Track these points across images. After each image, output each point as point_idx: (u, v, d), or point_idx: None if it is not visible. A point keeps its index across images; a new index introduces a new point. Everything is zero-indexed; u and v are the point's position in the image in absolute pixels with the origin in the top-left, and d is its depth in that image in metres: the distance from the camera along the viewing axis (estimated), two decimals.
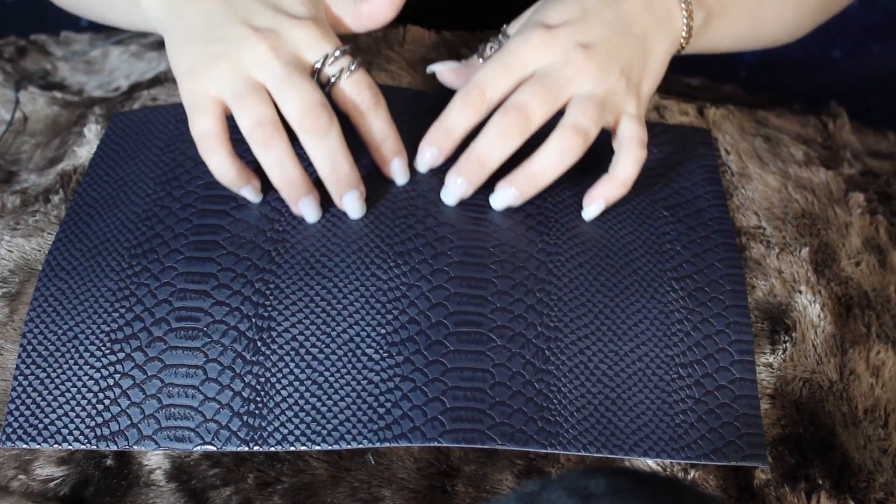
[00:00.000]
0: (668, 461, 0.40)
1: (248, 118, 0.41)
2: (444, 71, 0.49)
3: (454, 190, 0.44)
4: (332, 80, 0.43)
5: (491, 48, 0.48)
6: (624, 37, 0.44)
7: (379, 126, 0.44)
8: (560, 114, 0.44)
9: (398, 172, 0.45)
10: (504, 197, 0.44)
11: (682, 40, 0.47)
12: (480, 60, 0.48)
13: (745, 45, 0.53)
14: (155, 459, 0.40)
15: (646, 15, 0.45)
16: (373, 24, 0.46)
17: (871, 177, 0.54)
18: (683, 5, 0.46)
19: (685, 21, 0.46)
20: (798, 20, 0.53)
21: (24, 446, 0.40)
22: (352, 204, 0.44)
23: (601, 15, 0.44)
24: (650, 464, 0.40)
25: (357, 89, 0.43)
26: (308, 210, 0.44)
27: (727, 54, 0.55)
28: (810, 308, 0.45)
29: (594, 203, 0.45)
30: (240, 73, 0.42)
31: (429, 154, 0.45)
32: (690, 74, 0.67)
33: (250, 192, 0.45)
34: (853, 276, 0.47)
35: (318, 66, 0.43)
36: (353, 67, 0.43)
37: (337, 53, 0.43)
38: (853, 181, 0.53)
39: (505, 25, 0.49)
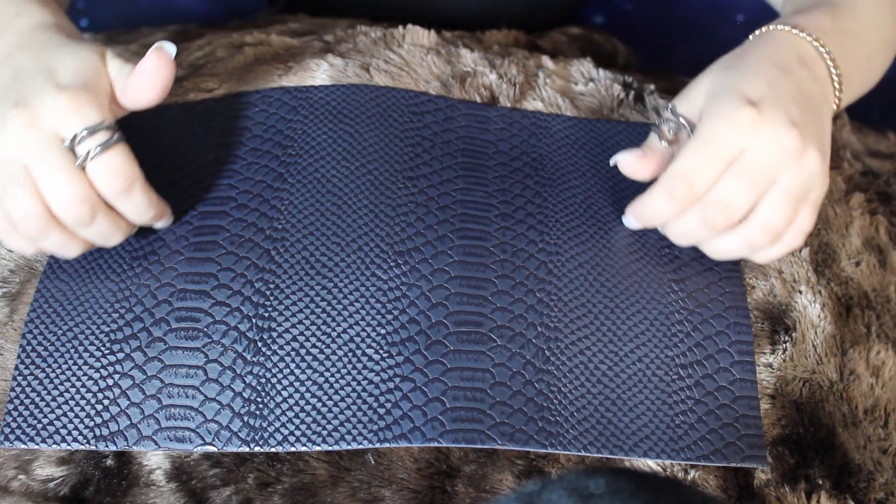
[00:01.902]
0: (668, 461, 0.40)
1: (15, 213, 0.39)
2: (631, 160, 0.44)
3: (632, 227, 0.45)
4: (81, 162, 0.39)
5: (670, 129, 0.44)
6: (811, 112, 0.42)
7: (132, 210, 0.41)
8: None
9: (161, 227, 0.44)
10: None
11: (833, 112, 0.46)
12: (664, 144, 0.44)
13: (854, 99, 0.52)
14: (155, 459, 0.40)
15: (815, 88, 0.43)
16: (135, 104, 0.42)
17: (871, 177, 0.54)
18: (836, 79, 0.45)
19: (837, 94, 0.45)
20: (882, 74, 0.53)
21: (23, 446, 0.40)
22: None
23: (787, 89, 0.42)
24: (650, 464, 0.40)
25: (103, 177, 0.39)
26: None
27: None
28: (810, 308, 0.45)
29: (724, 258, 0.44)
30: (2, 155, 0.39)
31: (631, 223, 0.45)
32: (690, 74, 0.67)
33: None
34: (853, 276, 0.47)
35: (67, 144, 0.39)
36: (99, 149, 0.39)
37: (84, 133, 0.38)
38: (853, 181, 0.53)
39: (671, 104, 0.45)
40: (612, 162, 0.45)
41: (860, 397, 0.43)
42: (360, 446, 0.39)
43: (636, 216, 0.44)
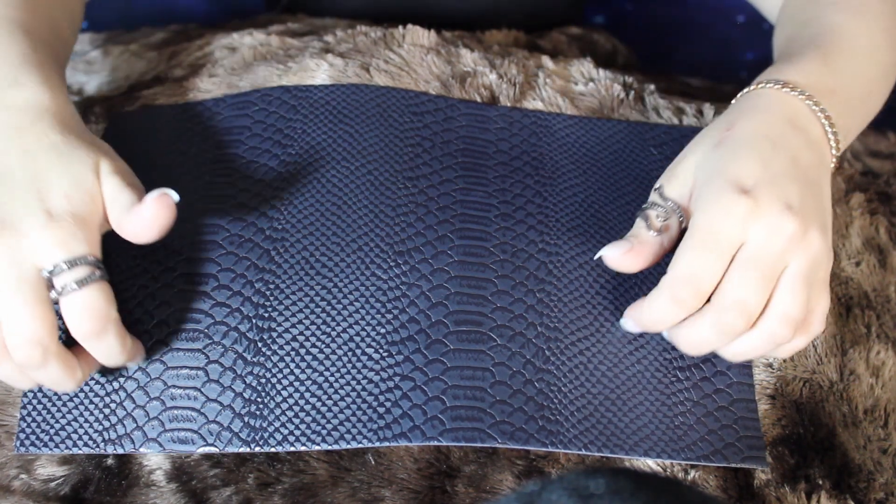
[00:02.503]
0: (668, 461, 0.40)
1: None
2: (617, 255, 0.41)
3: None
4: (56, 295, 0.37)
5: (658, 217, 0.42)
6: (809, 187, 0.40)
7: (104, 352, 0.39)
8: None
9: (133, 366, 0.41)
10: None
11: (832, 170, 0.44)
12: (653, 233, 0.41)
13: (855, 136, 0.50)
14: (155, 460, 0.40)
15: (811, 156, 0.41)
16: (129, 238, 0.40)
17: (871, 177, 0.54)
18: (832, 137, 0.43)
19: (834, 153, 0.43)
20: (880, 108, 0.50)
21: (38, 452, 0.40)
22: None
23: (781, 166, 0.40)
24: (650, 464, 0.40)
25: (76, 315, 0.37)
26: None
27: (727, 54, 0.55)
28: None
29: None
30: None
31: (631, 327, 0.42)
32: (690, 74, 0.67)
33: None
34: (853, 276, 0.47)
35: (46, 275, 0.37)
36: (76, 286, 0.37)
37: (64, 267, 0.37)
38: (853, 181, 0.53)
39: (657, 186, 0.43)
40: (596, 257, 0.43)
41: (860, 397, 0.43)
42: (360, 445, 0.39)
43: (637, 322, 0.41)
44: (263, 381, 0.41)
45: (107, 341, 0.38)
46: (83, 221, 0.39)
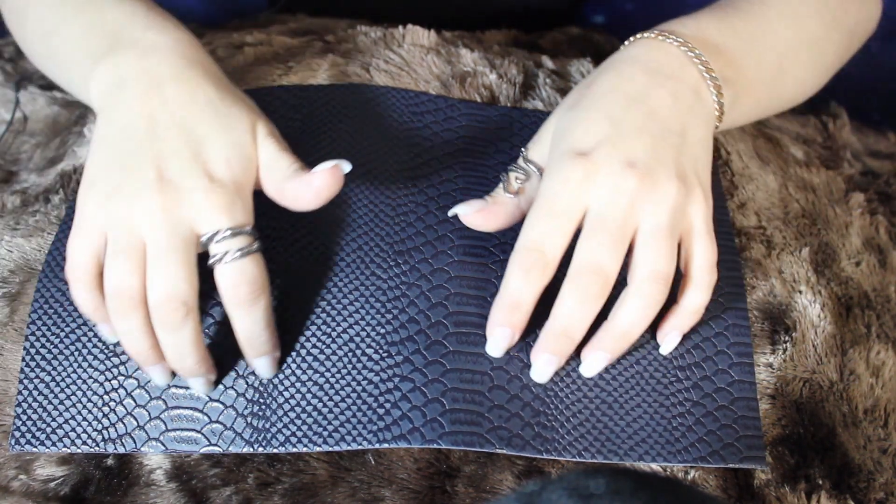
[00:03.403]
0: (666, 464, 0.40)
1: (111, 281, 0.37)
2: (470, 214, 0.42)
3: (543, 368, 0.40)
4: (214, 259, 0.38)
5: (517, 179, 0.42)
6: (664, 137, 0.40)
7: (248, 324, 0.39)
8: None
9: (260, 368, 0.41)
10: (595, 362, 0.40)
11: (715, 120, 0.43)
12: (509, 196, 0.42)
13: (767, 113, 0.50)
14: (155, 459, 0.40)
15: (676, 104, 0.41)
16: (289, 206, 0.41)
17: (871, 177, 0.54)
18: (710, 82, 0.42)
19: (715, 98, 0.42)
20: (815, 83, 0.50)
21: (34, 450, 0.40)
22: (195, 384, 0.40)
23: (633, 121, 0.40)
24: (650, 464, 0.40)
25: (233, 280, 0.38)
26: (156, 375, 0.40)
27: None
28: (810, 308, 0.45)
29: (669, 336, 0.41)
30: (127, 222, 0.37)
31: (500, 335, 0.39)
32: None
33: (105, 332, 0.41)
34: (853, 276, 0.47)
35: (203, 239, 0.38)
36: (237, 254, 0.38)
37: (227, 233, 0.38)
38: (853, 181, 0.53)
39: (524, 149, 0.43)
40: (450, 213, 0.42)
41: (860, 397, 0.43)
42: (360, 447, 0.39)
43: (501, 305, 0.39)
44: (265, 381, 0.41)
45: (257, 311, 0.39)
46: (241, 188, 0.39)
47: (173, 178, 0.38)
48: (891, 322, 0.46)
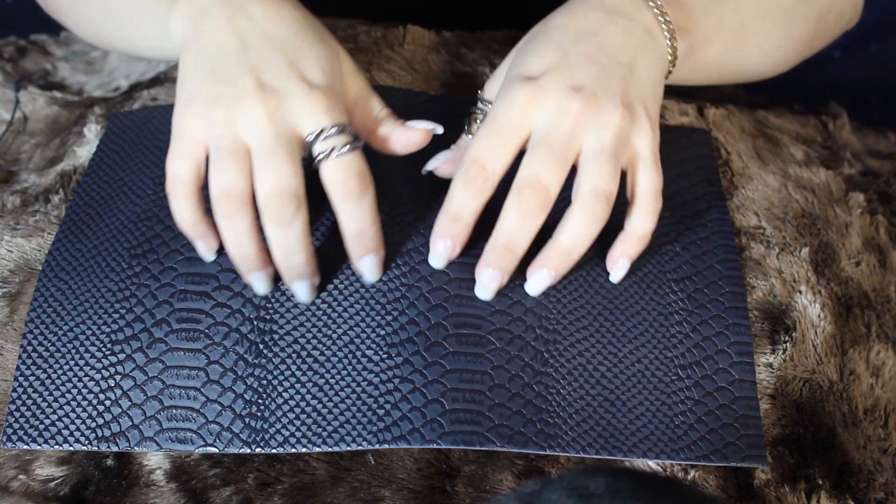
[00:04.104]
0: (668, 461, 0.40)
1: (217, 183, 0.39)
2: (440, 165, 0.44)
3: (487, 283, 0.41)
4: (321, 156, 0.39)
5: (477, 119, 0.45)
6: (612, 68, 0.41)
7: (357, 217, 0.40)
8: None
9: (367, 270, 0.42)
10: (539, 280, 0.41)
11: (668, 64, 0.44)
12: (470, 137, 0.45)
13: (728, 76, 0.51)
14: (155, 459, 0.40)
15: (627, 40, 0.42)
16: (379, 147, 0.43)
17: (871, 177, 0.54)
18: (664, 26, 0.43)
19: (668, 42, 0.44)
20: (781, 56, 0.52)
21: (26, 448, 0.40)
22: (300, 290, 0.41)
23: (582, 51, 0.41)
24: (650, 464, 0.40)
25: (342, 174, 0.39)
26: (257, 283, 0.42)
27: None
28: (810, 308, 0.45)
29: (618, 263, 0.42)
30: (229, 129, 0.39)
31: (442, 246, 0.41)
32: None
33: (203, 248, 0.42)
34: (853, 276, 0.47)
35: (309, 139, 0.39)
36: (345, 149, 0.39)
37: (333, 130, 0.39)
38: (853, 181, 0.53)
39: (480, 91, 0.46)
40: (424, 171, 0.43)
41: (860, 397, 0.43)
42: (360, 448, 0.39)
43: (445, 217, 0.40)
44: (265, 382, 0.41)
45: (366, 204, 0.40)
46: (339, 96, 0.41)
47: (272, 84, 0.39)
48: (891, 322, 0.46)
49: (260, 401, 0.40)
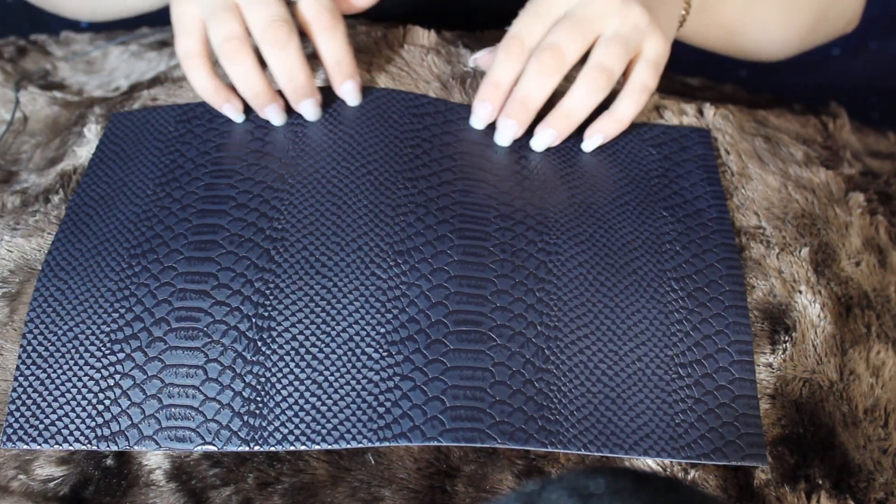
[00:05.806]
0: (668, 461, 0.40)
1: (217, 34, 0.45)
2: (481, 57, 0.51)
3: (505, 132, 0.48)
4: None
5: None
6: None
7: (332, 47, 0.47)
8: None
9: (348, 93, 0.49)
10: (544, 138, 0.48)
11: (682, 9, 0.50)
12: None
13: (729, 46, 0.56)
14: (155, 459, 0.40)
15: None
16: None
17: (871, 177, 0.54)
18: None
19: None
20: (780, 38, 0.56)
21: (25, 447, 0.40)
22: (307, 110, 0.48)
23: None
24: (650, 464, 0.40)
25: (315, 10, 0.46)
26: (273, 115, 0.48)
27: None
28: (810, 308, 0.45)
29: (594, 136, 0.48)
30: None
31: (482, 111, 0.47)
32: (690, 74, 0.67)
33: (231, 111, 0.48)
34: (853, 276, 0.47)
35: None
36: None
37: None
38: (853, 181, 0.53)
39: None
40: (471, 63, 0.51)
41: (860, 397, 0.43)
42: (360, 445, 0.39)
43: (486, 86, 0.47)
44: (263, 380, 0.41)
45: (339, 34, 0.47)
46: None
47: None
48: (891, 322, 0.46)
49: (258, 398, 0.40)
